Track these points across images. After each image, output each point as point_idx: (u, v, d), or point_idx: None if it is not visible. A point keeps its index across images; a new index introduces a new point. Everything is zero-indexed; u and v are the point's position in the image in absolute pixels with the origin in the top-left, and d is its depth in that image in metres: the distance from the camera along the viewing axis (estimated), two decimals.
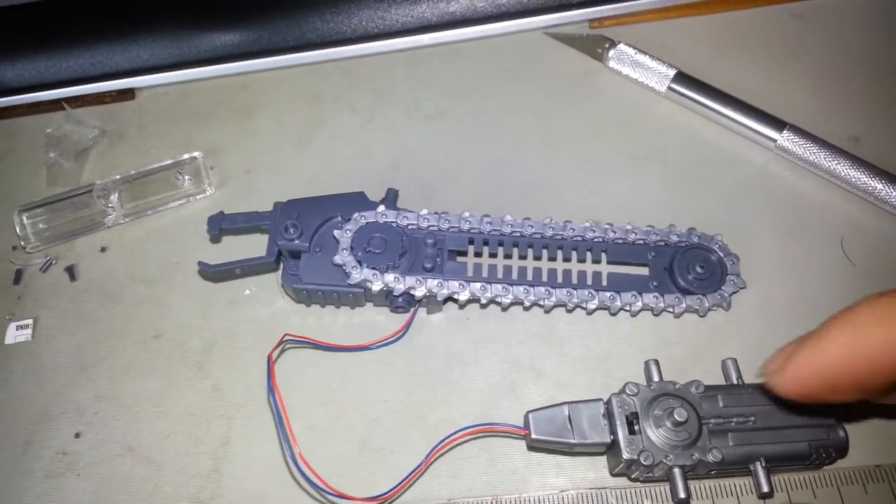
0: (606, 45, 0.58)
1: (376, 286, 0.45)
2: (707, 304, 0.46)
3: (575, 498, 0.42)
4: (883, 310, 0.28)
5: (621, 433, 0.39)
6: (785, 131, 0.52)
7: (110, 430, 0.48)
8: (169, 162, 0.57)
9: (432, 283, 0.46)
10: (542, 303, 0.46)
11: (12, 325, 0.53)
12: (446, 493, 0.43)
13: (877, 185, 0.49)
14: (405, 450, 0.45)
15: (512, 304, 0.47)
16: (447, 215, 0.48)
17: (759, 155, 0.53)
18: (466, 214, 0.48)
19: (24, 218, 0.55)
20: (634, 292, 0.46)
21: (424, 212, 0.49)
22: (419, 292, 0.46)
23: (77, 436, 0.48)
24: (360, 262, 0.46)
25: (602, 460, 0.43)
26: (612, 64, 0.57)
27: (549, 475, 0.43)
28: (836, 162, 0.50)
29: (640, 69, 0.56)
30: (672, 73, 0.55)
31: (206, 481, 0.46)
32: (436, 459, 0.43)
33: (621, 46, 0.57)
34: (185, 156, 0.57)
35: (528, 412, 0.41)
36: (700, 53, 0.58)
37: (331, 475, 0.42)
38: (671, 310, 0.46)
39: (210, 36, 0.62)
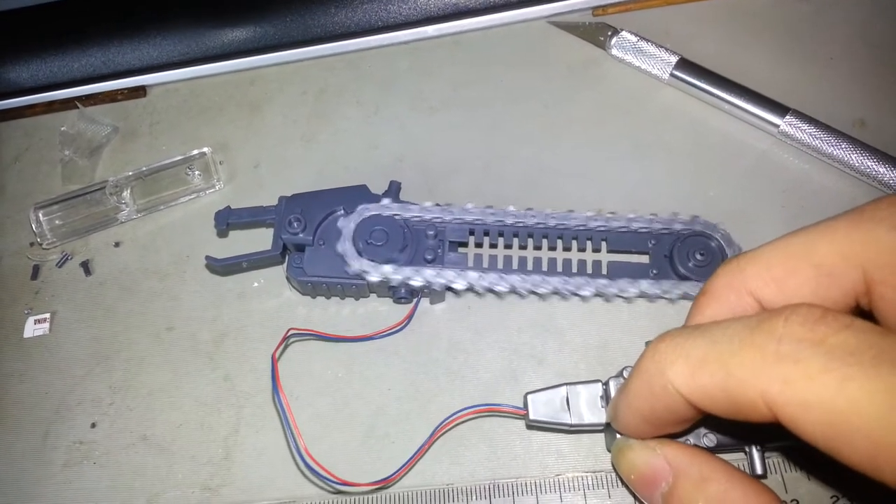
0: (609, 33, 0.58)
1: (377, 278, 0.46)
2: None
3: (572, 481, 0.43)
4: (660, 347, 0.30)
5: None
6: (788, 116, 0.51)
7: (125, 420, 0.50)
8: (179, 158, 0.58)
9: (432, 273, 0.46)
10: (541, 292, 0.47)
11: (30, 320, 0.54)
12: (447, 478, 0.44)
13: (881, 170, 0.49)
14: (409, 437, 0.45)
15: (512, 293, 0.47)
16: (448, 207, 0.49)
17: (762, 140, 0.53)
18: (467, 206, 0.49)
19: (41, 215, 0.57)
20: (634, 280, 0.46)
21: (426, 204, 0.49)
22: (419, 283, 0.46)
23: (93, 426, 0.50)
24: (361, 255, 0.47)
25: (600, 448, 0.44)
26: (614, 52, 0.57)
27: (549, 460, 0.44)
28: (839, 147, 0.50)
29: (643, 56, 0.56)
30: (674, 59, 0.55)
31: (217, 468, 0.47)
32: (439, 438, 0.45)
33: (624, 34, 0.57)
34: (195, 151, 0.58)
35: (527, 393, 0.42)
36: (705, 39, 0.58)
37: (336, 462, 0.43)
38: (670, 297, 0.47)
39: (218, 33, 0.63)
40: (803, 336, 0.25)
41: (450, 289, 0.47)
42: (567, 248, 0.49)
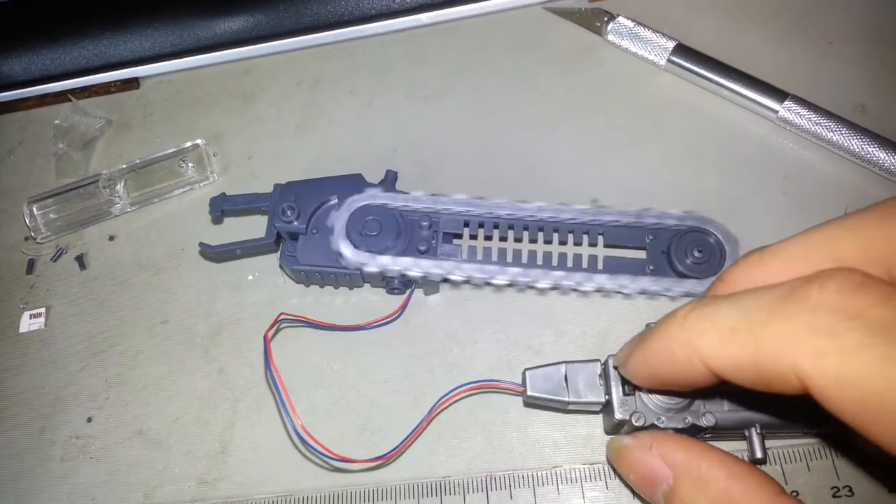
0: (605, 19, 0.57)
1: (368, 268, 0.46)
2: (704, 289, 0.45)
3: (569, 473, 0.43)
4: (690, 316, 0.29)
5: (615, 394, 0.39)
6: (787, 101, 0.51)
7: (121, 415, 0.49)
8: (172, 150, 0.58)
9: (426, 265, 0.46)
10: (537, 284, 0.46)
11: (26, 314, 0.54)
12: (443, 471, 0.44)
13: (881, 155, 0.48)
14: (405, 430, 0.45)
15: (508, 285, 0.47)
16: (442, 197, 0.48)
17: (761, 127, 0.52)
18: (462, 196, 0.48)
19: (35, 209, 0.57)
20: (630, 276, 0.46)
21: (420, 194, 0.49)
22: (412, 274, 0.46)
23: (89, 420, 0.50)
24: (354, 244, 0.46)
25: (597, 440, 0.43)
26: (611, 37, 0.57)
27: (545, 452, 0.44)
28: (839, 132, 0.49)
29: (640, 42, 0.55)
30: (671, 45, 0.54)
31: (213, 462, 0.47)
32: (437, 415, 0.45)
33: (620, 19, 0.56)
34: (188, 143, 0.57)
35: (526, 369, 0.41)
36: (703, 23, 0.57)
37: None
38: (667, 295, 0.46)
39: (211, 23, 0.62)
40: (839, 306, 0.24)
41: (445, 281, 0.47)
42: (563, 242, 0.48)
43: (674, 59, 0.54)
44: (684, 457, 0.33)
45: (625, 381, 0.40)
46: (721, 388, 0.38)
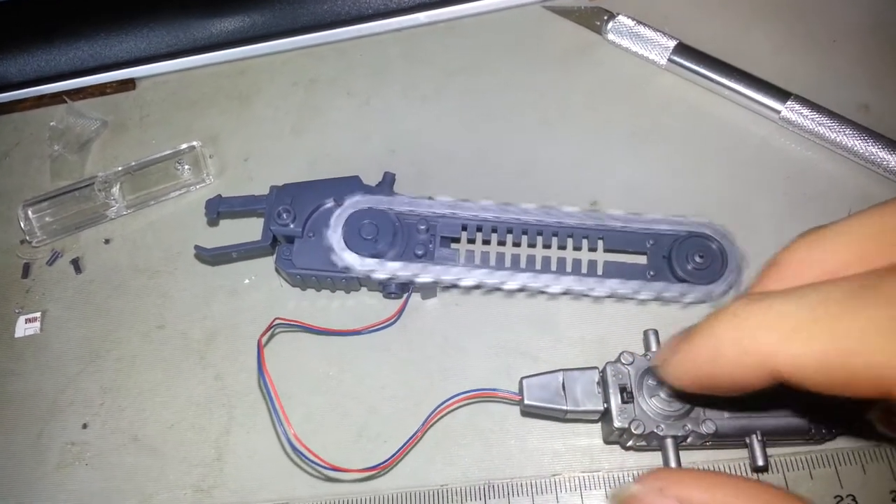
0: (605, 17, 0.56)
1: (364, 272, 0.45)
2: (705, 295, 0.45)
3: (568, 481, 0.42)
4: (742, 312, 0.26)
5: (614, 402, 0.39)
6: (789, 101, 0.50)
7: (116, 421, 0.49)
8: (168, 152, 0.57)
9: (422, 269, 0.45)
10: (536, 289, 0.46)
11: (21, 319, 0.54)
12: (441, 478, 0.44)
13: (885, 156, 0.48)
14: (402, 437, 0.44)
15: (506, 290, 0.46)
16: (440, 201, 0.48)
17: (764, 127, 0.52)
18: (460, 200, 0.48)
19: (30, 212, 0.56)
20: (630, 281, 0.45)
21: (417, 197, 0.48)
22: (409, 278, 0.45)
23: (85, 426, 0.49)
24: (350, 248, 0.46)
25: (597, 448, 0.43)
26: (611, 36, 0.56)
27: (544, 460, 0.43)
28: (842, 132, 0.49)
29: (640, 41, 0.55)
30: (672, 44, 0.53)
31: (209, 469, 0.46)
32: (434, 424, 0.44)
33: (620, 18, 0.55)
34: (184, 145, 0.57)
35: (522, 378, 0.41)
36: (704, 22, 0.56)
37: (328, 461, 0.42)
38: (667, 301, 0.45)
39: (207, 23, 0.61)
40: None
41: (442, 285, 0.46)
42: (562, 247, 0.48)
43: (674, 58, 0.53)
44: (705, 495, 0.29)
45: (623, 389, 0.39)
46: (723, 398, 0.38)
